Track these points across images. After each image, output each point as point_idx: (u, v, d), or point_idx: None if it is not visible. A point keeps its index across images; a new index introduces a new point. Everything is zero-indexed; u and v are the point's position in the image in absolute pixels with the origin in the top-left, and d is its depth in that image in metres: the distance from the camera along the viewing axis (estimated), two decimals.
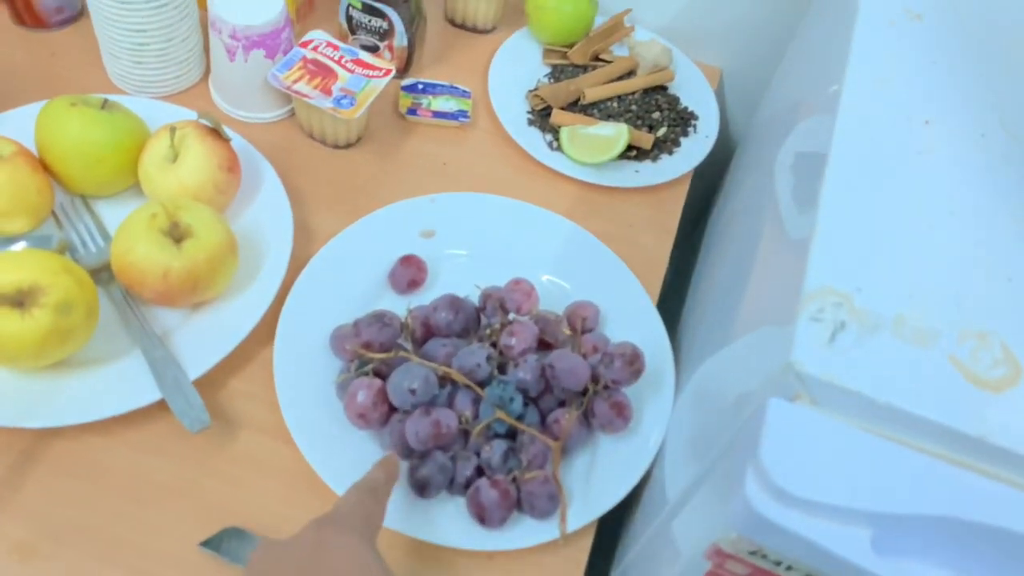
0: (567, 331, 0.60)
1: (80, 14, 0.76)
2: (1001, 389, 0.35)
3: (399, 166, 0.72)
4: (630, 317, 0.64)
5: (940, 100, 0.44)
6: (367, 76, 0.69)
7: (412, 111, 0.74)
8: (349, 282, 0.63)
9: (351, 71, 0.69)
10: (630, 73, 0.80)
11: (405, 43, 0.74)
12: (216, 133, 0.61)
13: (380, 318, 0.57)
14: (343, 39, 0.76)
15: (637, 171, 0.74)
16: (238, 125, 0.71)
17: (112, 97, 0.64)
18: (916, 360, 0.35)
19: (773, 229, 0.50)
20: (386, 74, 0.69)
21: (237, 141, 0.65)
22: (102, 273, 0.59)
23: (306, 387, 0.57)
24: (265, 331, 0.59)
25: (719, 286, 0.62)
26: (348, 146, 0.72)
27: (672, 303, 0.73)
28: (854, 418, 0.34)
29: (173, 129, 0.60)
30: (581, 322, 0.62)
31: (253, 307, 0.59)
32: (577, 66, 0.80)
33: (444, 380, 0.56)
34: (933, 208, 0.40)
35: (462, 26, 0.83)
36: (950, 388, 0.34)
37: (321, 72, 0.68)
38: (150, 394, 0.54)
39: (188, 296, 0.57)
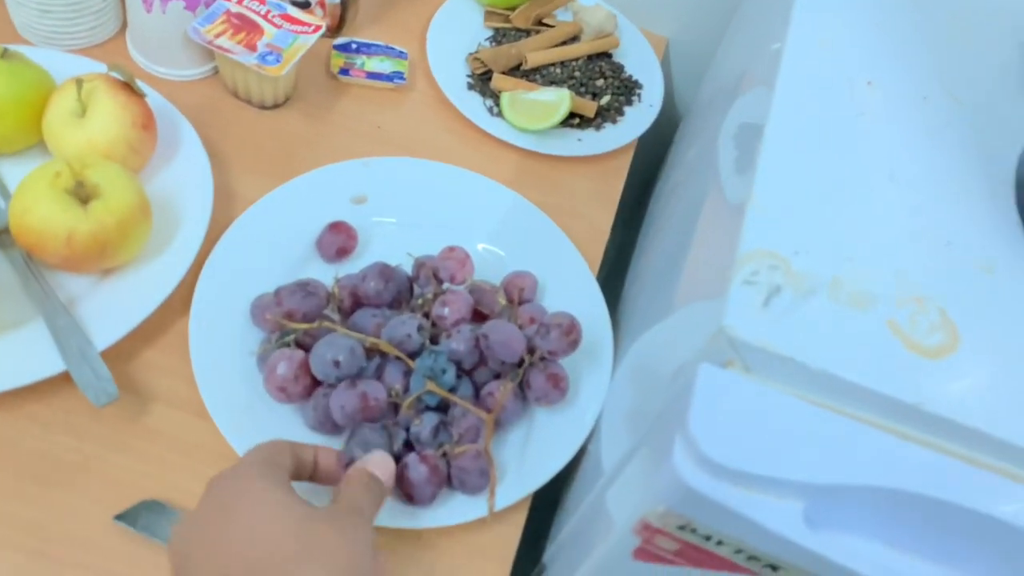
0: (503, 301, 0.58)
1: None
2: (939, 356, 0.33)
3: (330, 128, 0.69)
4: (569, 289, 0.62)
5: (883, 62, 0.43)
6: (295, 32, 0.65)
7: (344, 71, 0.71)
8: (273, 249, 0.59)
9: (278, 26, 0.65)
10: (574, 39, 0.78)
11: (338, 1, 0.70)
12: (129, 88, 0.57)
13: (304, 287, 0.54)
14: None
15: (580, 139, 0.72)
16: (157, 82, 0.67)
17: (17, 47, 0.59)
18: (853, 325, 0.33)
19: (714, 199, 0.49)
20: (315, 30, 0.66)
21: (154, 98, 0.61)
22: (2, 236, 0.55)
23: (224, 359, 0.54)
24: (181, 300, 0.55)
25: (659, 258, 0.60)
26: (275, 106, 0.68)
27: (614, 279, 0.72)
28: (788, 385, 0.32)
29: (80, 82, 0.55)
30: (518, 293, 0.60)
31: (168, 274, 0.55)
32: (520, 30, 0.78)
33: (372, 352, 0.54)
34: (873, 172, 0.38)
35: None
36: (887, 354, 0.33)
37: (246, 27, 0.64)
38: (53, 365, 0.50)
39: (95, 262, 0.53)
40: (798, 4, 0.45)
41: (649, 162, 0.85)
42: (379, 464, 0.46)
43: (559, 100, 0.70)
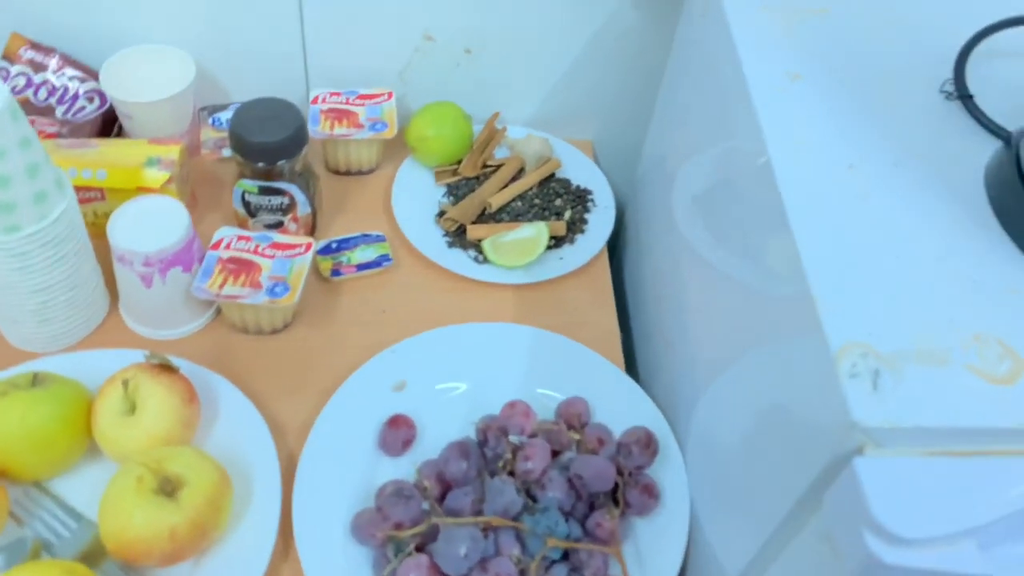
0: (576, 437, 0.61)
1: None
2: (1014, 380, 0.39)
3: (339, 329, 0.72)
4: (613, 396, 0.66)
5: (850, 144, 0.50)
6: (290, 257, 0.68)
7: (336, 272, 0.74)
8: (342, 467, 0.61)
9: (272, 256, 0.68)
10: (520, 171, 0.84)
11: (309, 210, 0.74)
12: (166, 367, 0.59)
13: (399, 493, 0.57)
14: (242, 224, 0.75)
15: (561, 258, 0.78)
16: (166, 346, 0.68)
17: (34, 366, 0.60)
18: (944, 379, 0.39)
19: (733, 289, 0.55)
20: (307, 248, 0.69)
21: (180, 365, 0.63)
22: (89, 556, 0.55)
23: None
24: (280, 545, 0.56)
25: (687, 345, 0.65)
26: (286, 327, 0.71)
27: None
28: (919, 447, 0.38)
29: (125, 381, 0.57)
30: (578, 419, 0.63)
31: (260, 534, 0.56)
32: (470, 179, 0.83)
33: (484, 530, 0.56)
34: (892, 240, 0.45)
35: (347, 172, 0.84)
36: (979, 393, 0.39)
37: (242, 268, 0.67)
38: None
39: (198, 545, 0.54)
40: (761, 109, 0.51)
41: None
42: None
43: (538, 233, 0.76)
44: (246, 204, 0.73)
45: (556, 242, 0.79)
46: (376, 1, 0.79)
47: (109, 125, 0.80)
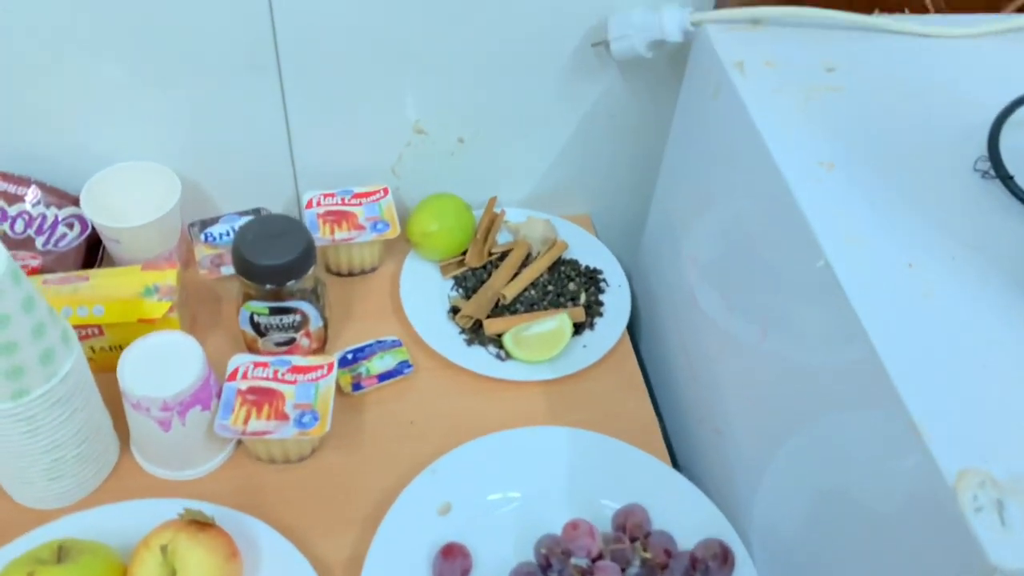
0: (646, 554, 0.59)
1: None
2: None
3: (369, 448, 0.68)
4: (667, 497, 0.64)
5: (902, 239, 0.49)
6: (313, 381, 0.65)
7: (357, 386, 0.71)
8: None
9: (294, 382, 0.65)
10: (527, 256, 0.82)
11: (321, 323, 0.71)
12: (203, 524, 0.55)
13: None
14: (251, 344, 0.71)
15: (585, 346, 0.76)
16: (187, 486, 0.64)
17: (53, 529, 0.55)
18: None
19: (796, 385, 0.54)
20: (330, 369, 0.66)
21: (212, 512, 0.58)
22: None
23: None
24: None
25: (742, 436, 0.64)
26: (313, 451, 0.67)
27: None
28: None
29: (163, 547, 0.52)
30: (639, 530, 0.61)
31: None
32: (477, 269, 0.81)
33: None
34: (973, 346, 0.44)
35: (349, 274, 0.81)
36: None
37: (265, 398, 0.63)
38: None
39: None
40: (805, 206, 0.51)
41: None
42: None
43: (560, 325, 0.74)
44: (255, 325, 0.69)
45: (576, 328, 0.77)
46: (362, 100, 0.76)
47: (94, 249, 0.76)
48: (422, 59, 0.74)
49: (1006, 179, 0.52)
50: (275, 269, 0.65)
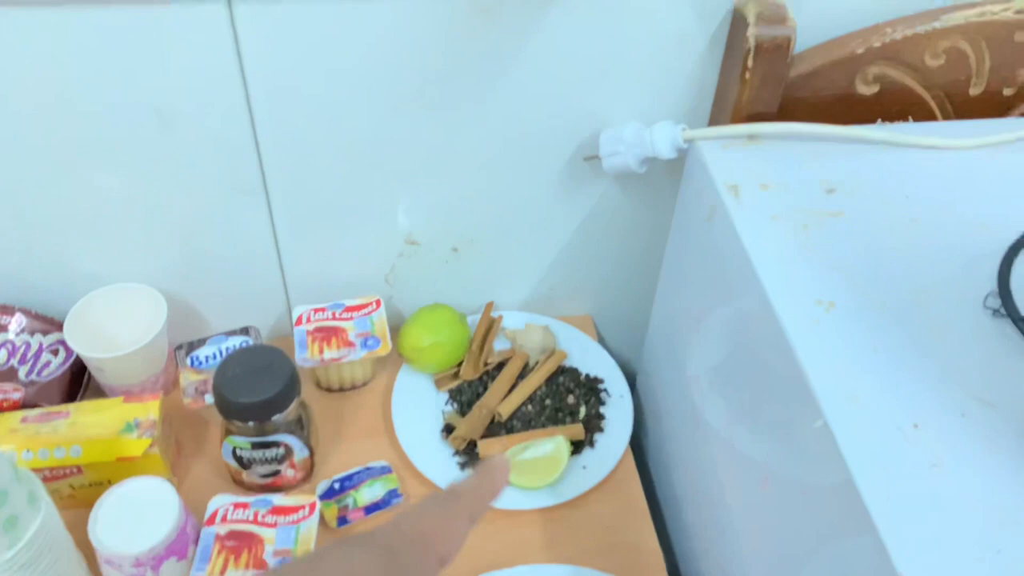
0: None
1: None
2: None
3: None
4: None
5: (908, 393, 0.46)
6: (294, 523, 0.62)
7: (343, 520, 0.68)
8: None
9: (274, 525, 0.62)
10: (525, 365, 0.79)
11: (307, 453, 0.68)
12: None
13: None
14: (236, 476, 0.68)
15: (584, 467, 0.72)
16: None
17: None
18: None
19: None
20: (311, 510, 0.63)
21: None
22: None
23: None
24: None
25: None
26: None
27: None
28: None
29: None
30: None
31: None
32: (472, 381, 0.78)
33: None
34: (984, 527, 0.40)
35: (340, 389, 0.79)
36: None
37: (244, 543, 0.61)
38: None
39: None
40: (804, 360, 0.47)
41: None
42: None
43: (557, 449, 0.70)
44: (238, 459, 0.66)
45: (575, 447, 0.73)
46: (352, 214, 0.75)
47: (78, 376, 0.74)
48: (412, 171, 0.72)
49: (1018, 321, 0.48)
50: (256, 406, 0.63)
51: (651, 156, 0.67)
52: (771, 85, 0.65)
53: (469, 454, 0.73)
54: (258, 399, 0.62)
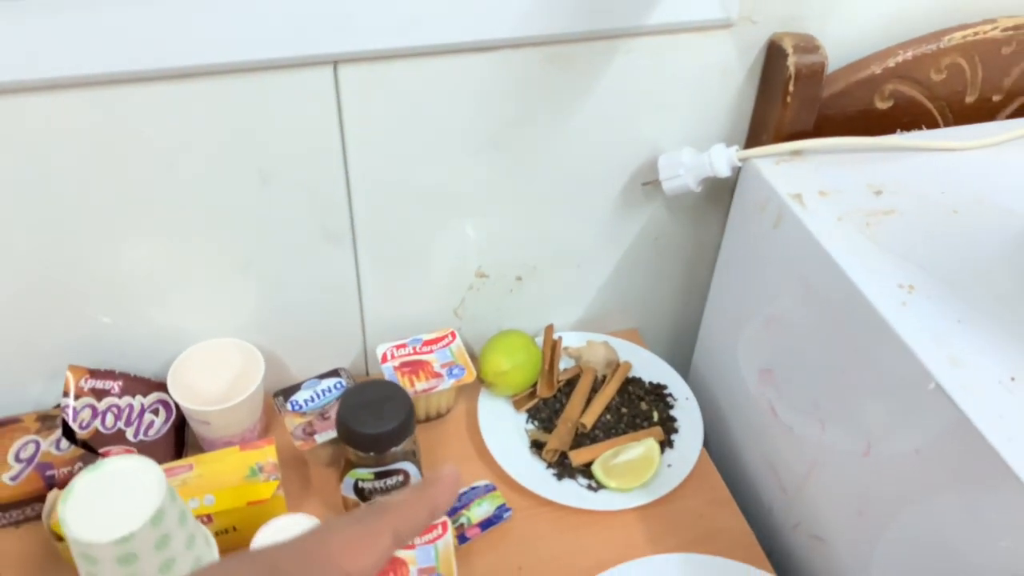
0: None
1: None
2: None
3: None
4: None
5: (999, 354, 0.54)
6: (431, 542, 0.66)
7: (462, 538, 0.72)
8: None
9: (412, 546, 0.65)
10: (593, 380, 0.85)
11: (420, 479, 0.72)
12: None
13: None
14: (354, 510, 0.72)
15: (669, 465, 0.79)
16: None
17: None
18: None
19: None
20: (444, 529, 0.67)
21: None
22: None
23: None
24: None
25: (857, 548, 0.67)
26: None
27: None
28: None
29: None
30: None
31: None
32: (548, 399, 0.83)
33: None
34: None
35: (426, 419, 0.83)
36: None
37: (390, 568, 0.64)
38: None
39: None
40: (902, 332, 0.55)
41: None
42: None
43: (649, 450, 0.76)
44: (359, 491, 0.70)
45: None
46: (429, 254, 0.80)
47: (180, 432, 0.76)
48: (484, 209, 0.78)
49: None
50: (383, 436, 0.66)
51: (709, 176, 0.74)
52: (808, 106, 0.74)
53: (561, 465, 0.78)
54: (385, 429, 0.66)
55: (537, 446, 0.80)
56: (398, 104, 0.68)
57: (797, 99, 0.73)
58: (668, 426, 0.82)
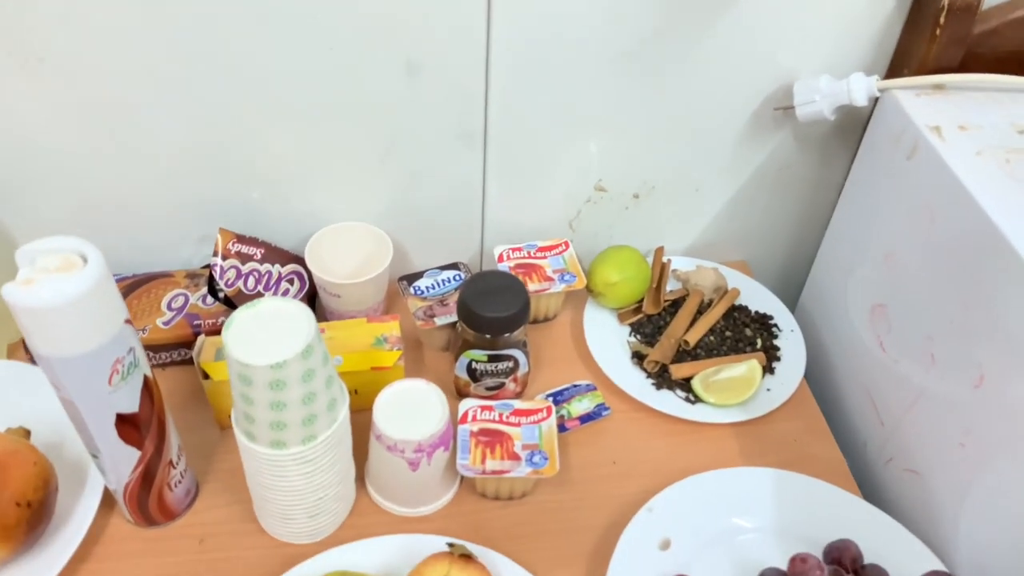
0: None
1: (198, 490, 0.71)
2: None
3: (579, 486, 0.73)
4: (874, 534, 0.68)
5: None
6: (536, 423, 0.70)
7: (561, 428, 0.76)
8: None
9: (518, 424, 0.70)
10: (700, 302, 0.87)
11: (527, 369, 0.76)
12: (468, 557, 0.60)
13: None
14: (463, 388, 0.77)
15: (768, 389, 0.80)
16: (417, 522, 0.69)
17: (328, 560, 0.60)
18: None
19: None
20: (548, 412, 0.71)
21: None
22: None
23: None
24: None
25: (945, 477, 0.67)
26: (532, 489, 0.72)
27: None
28: None
29: None
30: (856, 564, 0.65)
31: None
32: (652, 315, 0.86)
33: None
34: None
35: (533, 321, 0.87)
36: None
37: (495, 439, 0.69)
38: None
39: None
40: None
41: None
42: None
43: (750, 371, 0.78)
44: (471, 371, 0.75)
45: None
46: (553, 163, 0.83)
47: (311, 303, 0.83)
48: (611, 125, 0.80)
49: None
50: (501, 320, 0.71)
51: (844, 104, 0.74)
52: (957, 42, 0.72)
53: (661, 377, 0.81)
54: (504, 314, 0.70)
55: (638, 357, 0.83)
56: (543, 7, 0.70)
57: (946, 34, 0.71)
58: (771, 354, 0.83)
